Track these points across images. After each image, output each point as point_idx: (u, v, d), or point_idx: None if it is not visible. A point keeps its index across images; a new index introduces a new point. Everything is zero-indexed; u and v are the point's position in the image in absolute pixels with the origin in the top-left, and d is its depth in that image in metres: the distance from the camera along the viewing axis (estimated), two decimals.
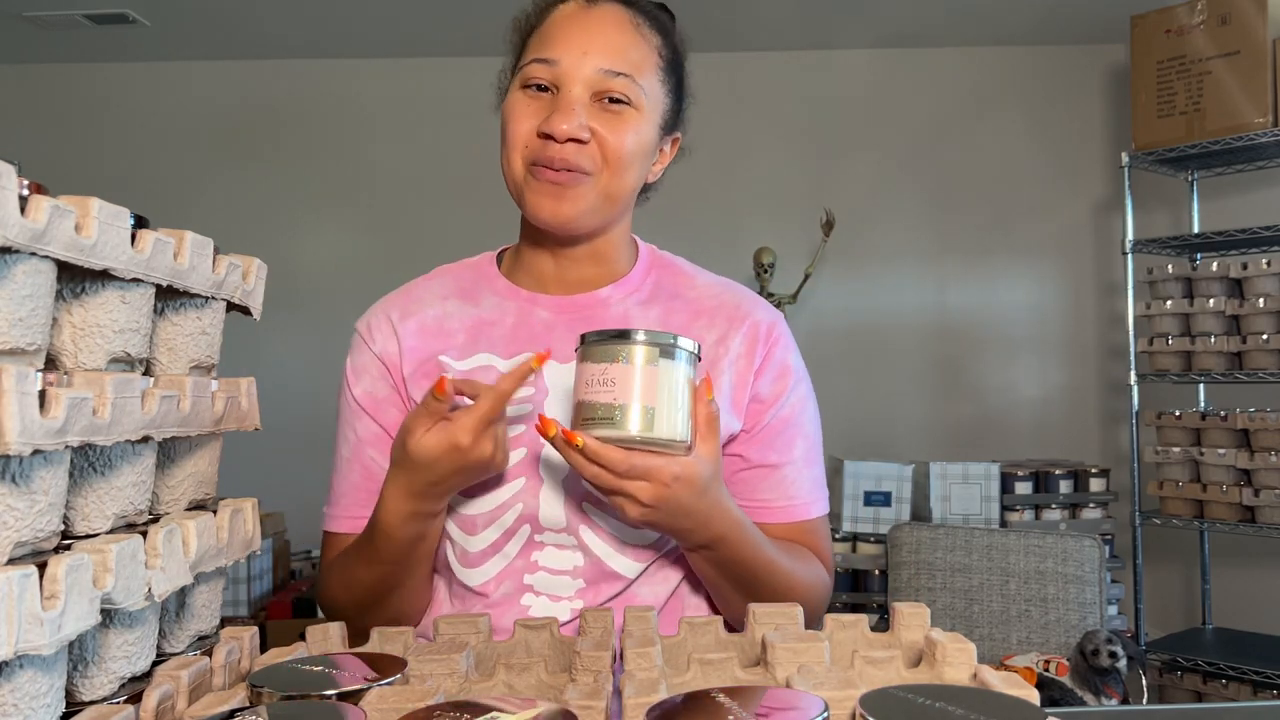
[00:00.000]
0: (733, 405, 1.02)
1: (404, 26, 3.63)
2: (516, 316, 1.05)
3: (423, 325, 1.06)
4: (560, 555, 0.99)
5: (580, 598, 0.98)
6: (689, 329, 1.04)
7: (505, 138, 1.00)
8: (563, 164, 0.96)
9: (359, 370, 1.07)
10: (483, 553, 0.99)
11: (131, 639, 0.65)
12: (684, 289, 1.08)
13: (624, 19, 1.00)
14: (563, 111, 0.95)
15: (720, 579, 0.97)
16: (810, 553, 1.04)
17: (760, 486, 1.04)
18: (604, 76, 0.97)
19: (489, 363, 1.03)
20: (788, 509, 1.04)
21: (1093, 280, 3.90)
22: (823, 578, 1.04)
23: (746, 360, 1.04)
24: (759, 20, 3.62)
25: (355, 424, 1.07)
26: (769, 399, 1.04)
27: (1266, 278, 2.78)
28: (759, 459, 1.04)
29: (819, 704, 0.58)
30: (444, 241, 2.51)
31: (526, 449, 0.99)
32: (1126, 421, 3.15)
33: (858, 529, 3.09)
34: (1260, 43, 2.78)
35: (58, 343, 0.63)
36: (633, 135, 0.98)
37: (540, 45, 0.99)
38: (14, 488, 0.55)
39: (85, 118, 3.99)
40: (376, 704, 0.61)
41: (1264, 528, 2.78)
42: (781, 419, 1.04)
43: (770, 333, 1.06)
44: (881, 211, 3.91)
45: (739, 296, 1.08)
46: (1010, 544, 2.20)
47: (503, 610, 0.98)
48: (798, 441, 1.05)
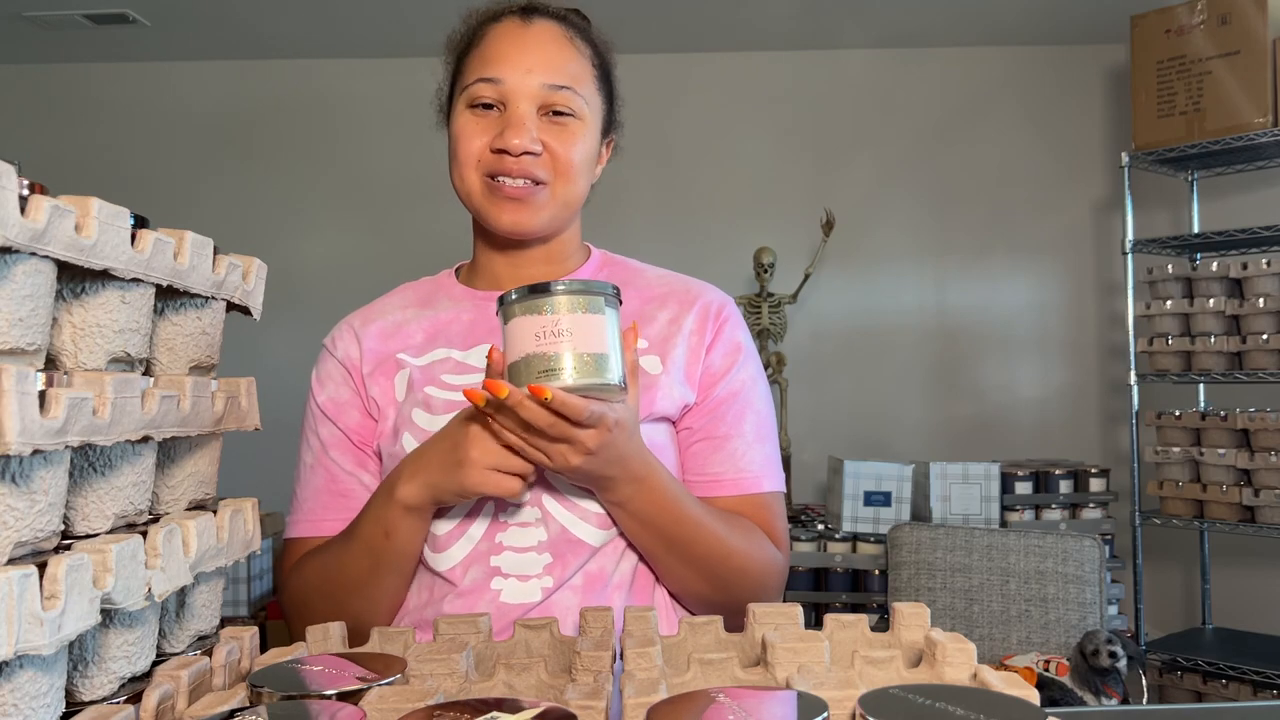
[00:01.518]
0: (685, 379, 1.06)
1: (403, 27, 3.63)
2: (473, 314, 1.10)
3: (382, 329, 1.11)
4: (524, 533, 1.00)
5: (549, 573, 0.99)
6: (641, 311, 1.08)
7: (457, 155, 1.05)
8: (520, 174, 1.01)
9: (323, 379, 1.12)
10: (449, 534, 1.01)
11: (131, 639, 0.65)
12: (634, 279, 1.13)
13: (559, 34, 1.05)
14: (514, 127, 1.01)
15: (649, 538, 0.98)
16: (755, 526, 1.05)
17: (711, 459, 1.06)
18: (548, 91, 1.02)
19: (446, 355, 1.07)
20: (737, 481, 1.06)
21: (1093, 280, 3.90)
22: (771, 554, 1.05)
23: (698, 335, 1.08)
24: (759, 20, 3.62)
25: (319, 430, 1.10)
26: (719, 372, 1.07)
27: (1266, 278, 2.78)
28: (709, 430, 1.06)
29: (819, 704, 0.58)
30: (443, 241, 2.51)
31: None
32: (1126, 421, 3.15)
33: (858, 529, 3.09)
34: (1260, 43, 2.78)
35: (58, 343, 0.63)
36: (580, 145, 1.04)
37: (482, 64, 1.04)
38: (14, 488, 0.55)
39: (85, 118, 3.99)
40: (376, 704, 0.61)
41: (1264, 528, 2.78)
42: (731, 392, 1.07)
43: (720, 312, 1.10)
44: (881, 211, 3.91)
45: (689, 282, 1.14)
46: (1010, 544, 2.20)
47: (474, 599, 0.99)
48: (748, 415, 1.08)
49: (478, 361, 1.05)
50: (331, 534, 1.06)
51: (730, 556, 1.00)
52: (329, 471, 1.08)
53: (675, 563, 1.00)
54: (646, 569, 1.04)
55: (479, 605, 0.99)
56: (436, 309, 1.11)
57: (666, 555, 0.99)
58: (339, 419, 1.09)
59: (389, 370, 1.08)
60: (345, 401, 1.09)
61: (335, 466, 1.08)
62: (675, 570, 1.00)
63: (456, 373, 1.05)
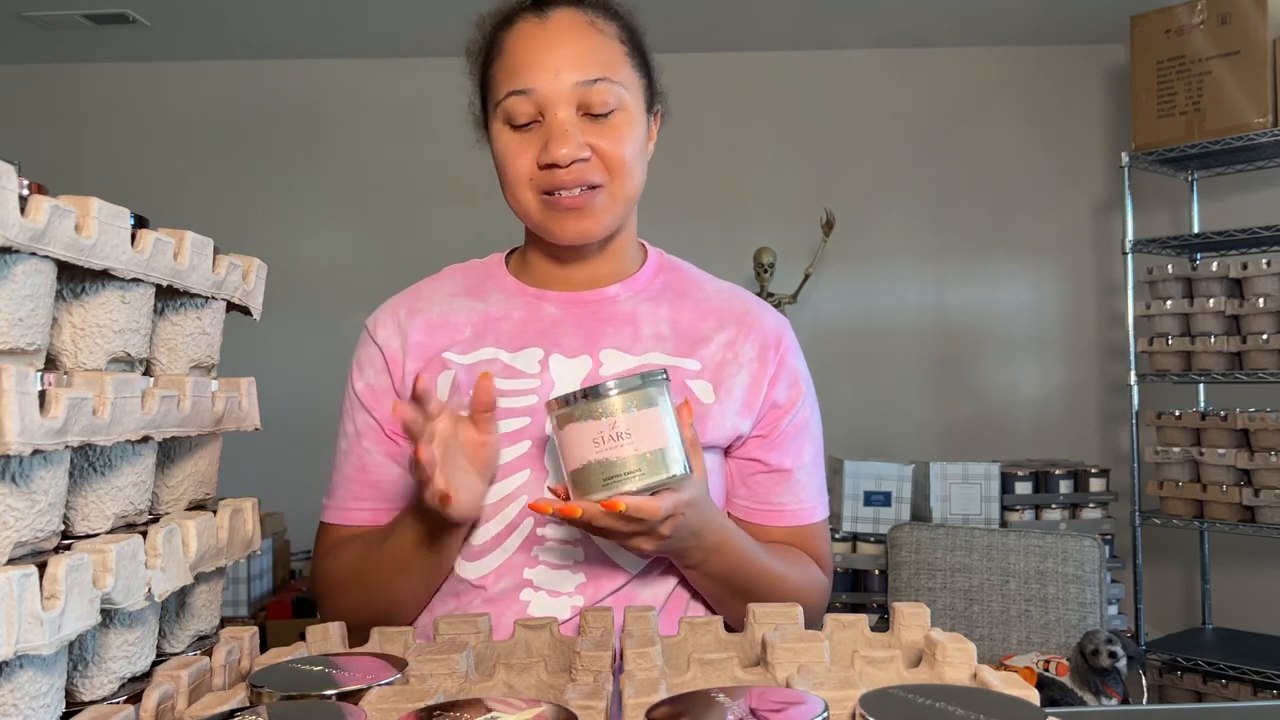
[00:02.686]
0: (744, 407, 1.04)
1: (404, 26, 3.63)
2: (524, 311, 1.06)
3: (429, 321, 1.07)
4: (561, 550, 0.99)
5: (580, 593, 0.98)
6: (697, 327, 1.06)
7: (506, 175, 1.01)
8: (575, 183, 0.98)
9: (362, 364, 1.08)
10: (485, 545, 1.00)
11: (131, 639, 0.65)
12: (692, 290, 1.10)
13: (579, 20, 1.00)
14: (558, 138, 0.96)
15: (718, 589, 0.99)
16: (805, 555, 1.07)
17: (775, 490, 1.06)
18: (583, 89, 0.97)
19: (494, 356, 1.04)
20: (798, 512, 1.07)
21: (1093, 280, 3.90)
22: (820, 580, 1.07)
23: (759, 364, 1.05)
24: (759, 20, 3.62)
25: (355, 416, 1.08)
26: (785, 405, 1.06)
27: (1266, 278, 2.78)
28: (776, 463, 1.06)
29: (819, 704, 0.58)
30: (444, 241, 2.51)
31: (531, 441, 1.00)
32: (1126, 421, 3.15)
33: (858, 529, 3.09)
34: (1260, 43, 2.78)
35: (58, 343, 0.63)
36: (628, 140, 0.99)
37: (510, 76, 0.99)
38: (14, 488, 0.55)
39: (85, 118, 3.99)
40: (376, 704, 0.61)
41: (1264, 528, 2.78)
42: (795, 425, 1.07)
43: (780, 340, 1.08)
44: (881, 211, 3.91)
45: (747, 302, 1.10)
46: (1010, 544, 2.20)
47: (502, 607, 0.98)
48: (808, 446, 1.09)
49: (525, 366, 1.02)
50: (361, 523, 1.05)
51: (787, 594, 1.00)
52: (360, 460, 1.07)
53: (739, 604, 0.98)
54: (682, 594, 1.03)
55: (506, 614, 0.97)
56: (487, 301, 1.07)
57: (732, 600, 1.00)
58: (374, 408, 1.06)
59: (433, 370, 1.04)
60: (382, 392, 1.07)
61: (367, 456, 1.06)
62: (736, 610, 1.00)
63: (504, 376, 1.02)
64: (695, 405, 1.01)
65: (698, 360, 1.03)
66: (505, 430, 0.99)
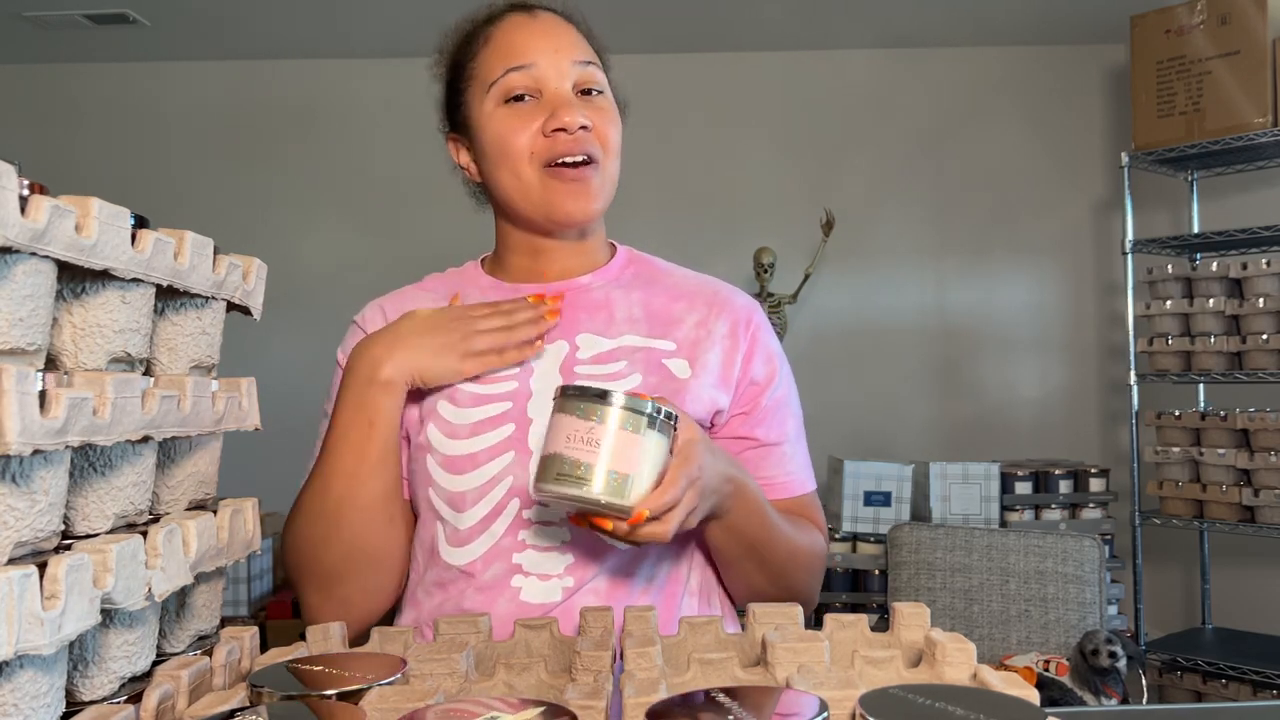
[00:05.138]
0: (720, 381, 1.06)
1: (404, 27, 3.62)
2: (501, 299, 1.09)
3: None
4: (547, 531, 1.00)
5: (570, 574, 0.99)
6: (669, 309, 1.08)
7: (506, 152, 1.02)
8: (580, 150, 1.01)
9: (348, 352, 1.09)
10: (472, 529, 1.00)
11: (132, 639, 0.65)
12: (661, 277, 1.13)
13: (561, 20, 1.06)
14: (565, 105, 1.00)
15: (735, 544, 1.00)
16: (807, 521, 1.10)
17: (763, 465, 1.08)
18: (580, 68, 1.03)
19: None
20: (788, 484, 1.10)
21: (1093, 280, 3.90)
22: (821, 546, 1.11)
23: (731, 340, 1.08)
24: (759, 20, 3.62)
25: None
26: (763, 381, 1.09)
27: (1266, 278, 2.78)
28: (763, 438, 1.08)
29: (819, 704, 0.58)
30: (444, 241, 2.51)
31: (514, 424, 1.01)
32: (1126, 421, 3.15)
33: (858, 529, 3.09)
34: (1260, 43, 2.78)
35: (58, 343, 0.63)
36: (615, 124, 1.05)
37: (506, 56, 1.03)
38: (14, 488, 0.55)
39: (85, 118, 3.98)
40: (376, 704, 0.61)
41: (1264, 528, 2.78)
42: (776, 400, 1.09)
43: (750, 319, 1.10)
44: (881, 211, 3.91)
45: (716, 285, 1.14)
46: (1010, 544, 2.20)
47: (493, 594, 0.99)
48: (789, 420, 1.11)
49: None
50: None
51: (796, 554, 1.03)
52: None
53: (751, 566, 1.02)
54: (679, 571, 1.04)
55: (499, 601, 0.98)
56: (466, 301, 1.10)
57: (745, 559, 1.01)
58: None
59: None
60: None
61: None
62: (746, 572, 1.03)
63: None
64: (672, 381, 1.03)
65: (672, 341, 1.06)
66: (488, 415, 1.01)
